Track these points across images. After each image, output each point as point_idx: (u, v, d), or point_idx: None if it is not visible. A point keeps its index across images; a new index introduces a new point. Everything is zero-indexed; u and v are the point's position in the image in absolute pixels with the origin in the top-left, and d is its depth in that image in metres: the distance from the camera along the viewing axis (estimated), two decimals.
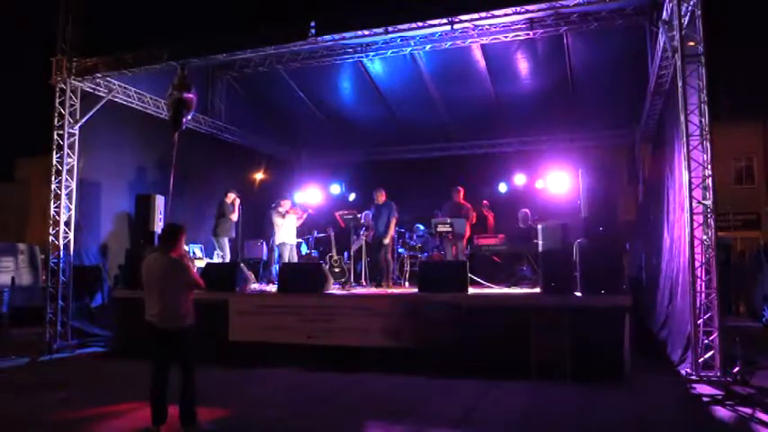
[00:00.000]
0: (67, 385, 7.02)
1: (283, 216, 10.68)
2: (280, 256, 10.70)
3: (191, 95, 8.90)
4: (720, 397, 5.85)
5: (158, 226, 9.51)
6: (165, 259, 4.92)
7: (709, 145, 6.69)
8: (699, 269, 6.58)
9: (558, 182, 12.21)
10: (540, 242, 8.45)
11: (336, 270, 10.48)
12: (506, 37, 9.36)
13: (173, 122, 8.89)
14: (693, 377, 6.39)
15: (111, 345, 9.29)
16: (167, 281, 4.87)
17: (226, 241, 10.58)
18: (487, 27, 8.70)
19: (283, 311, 8.10)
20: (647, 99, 10.07)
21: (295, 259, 10.89)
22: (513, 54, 10.57)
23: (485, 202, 12.10)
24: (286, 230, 10.75)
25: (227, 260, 10.37)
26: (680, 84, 6.81)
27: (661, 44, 7.88)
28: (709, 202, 6.63)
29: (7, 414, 5.73)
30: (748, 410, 5.48)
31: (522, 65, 10.92)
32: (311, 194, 13.57)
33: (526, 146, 13.63)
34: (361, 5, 8.19)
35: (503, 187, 13.51)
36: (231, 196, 10.70)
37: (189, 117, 9.21)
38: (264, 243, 11.67)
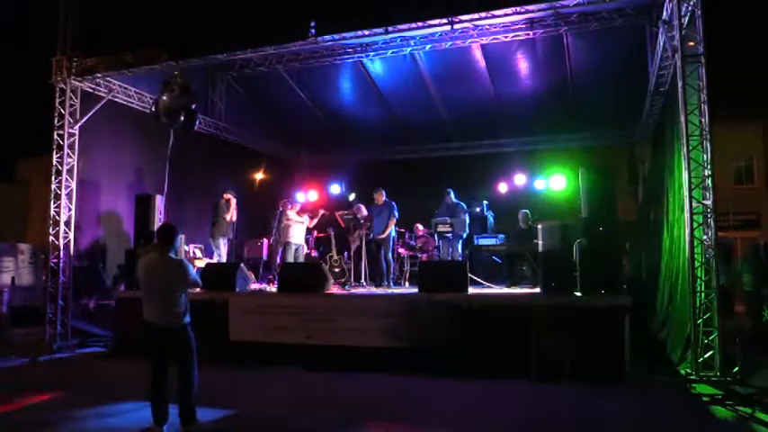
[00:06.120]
0: (68, 385, 7.02)
1: (293, 219, 10.68)
2: (283, 255, 10.70)
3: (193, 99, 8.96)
4: (720, 397, 5.86)
5: (158, 226, 9.50)
6: (165, 259, 4.91)
7: (709, 145, 6.69)
8: (698, 269, 6.58)
9: (558, 182, 12.22)
10: (540, 242, 8.45)
11: (336, 270, 10.47)
12: (506, 37, 9.37)
13: (183, 124, 8.89)
14: (693, 377, 6.40)
15: (111, 345, 9.29)
16: (167, 281, 4.86)
17: (222, 242, 10.57)
18: (487, 27, 8.71)
19: (283, 311, 8.09)
20: (647, 99, 10.07)
21: (301, 259, 10.89)
22: (513, 54, 10.57)
23: (485, 202, 12.12)
24: (294, 230, 10.75)
25: (224, 261, 10.37)
26: (680, 84, 6.81)
27: (661, 44, 7.89)
28: (709, 202, 6.63)
29: (8, 414, 5.73)
30: (748, 410, 5.48)
31: (522, 65, 10.91)
32: (311, 194, 13.58)
33: (526, 146, 13.61)
34: (361, 5, 8.19)
35: (503, 187, 13.51)
36: (226, 196, 10.68)
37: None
38: (265, 243, 11.66)
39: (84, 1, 9.64)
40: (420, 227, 11.55)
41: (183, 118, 8.87)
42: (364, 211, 10.53)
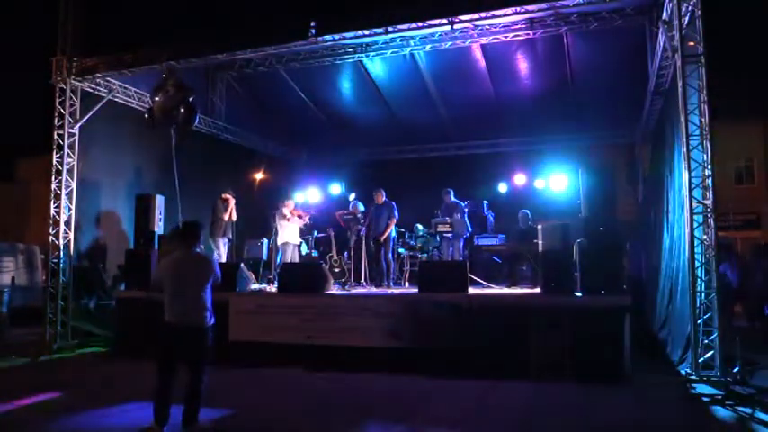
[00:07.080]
0: (68, 385, 7.02)
1: (287, 218, 10.68)
2: (282, 256, 10.69)
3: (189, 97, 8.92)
4: (720, 397, 5.86)
5: (158, 226, 9.50)
6: (191, 256, 4.96)
7: (709, 145, 6.69)
8: (698, 269, 6.58)
9: (558, 182, 12.22)
10: (540, 242, 8.45)
11: (336, 270, 10.48)
12: (506, 37, 9.36)
13: (184, 118, 8.86)
14: (693, 377, 6.40)
15: (112, 345, 9.29)
16: (194, 278, 4.87)
17: (221, 242, 10.55)
18: (487, 27, 8.70)
19: (283, 311, 8.09)
20: (647, 99, 10.07)
21: (297, 259, 10.90)
22: (513, 54, 10.57)
23: (485, 202, 12.11)
24: (289, 231, 10.75)
25: (223, 261, 10.35)
26: (680, 84, 6.81)
27: (661, 44, 7.88)
28: (709, 202, 6.63)
29: (7, 414, 5.73)
30: (748, 410, 5.48)
31: (522, 65, 10.92)
32: (311, 194, 13.59)
33: (526, 146, 13.62)
34: (361, 5, 8.19)
35: (503, 187, 13.51)
36: (225, 196, 10.66)
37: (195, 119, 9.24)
38: (265, 243, 11.66)
39: (84, 1, 9.64)
40: (419, 227, 11.52)
41: (182, 111, 8.83)
42: (360, 207, 10.54)
